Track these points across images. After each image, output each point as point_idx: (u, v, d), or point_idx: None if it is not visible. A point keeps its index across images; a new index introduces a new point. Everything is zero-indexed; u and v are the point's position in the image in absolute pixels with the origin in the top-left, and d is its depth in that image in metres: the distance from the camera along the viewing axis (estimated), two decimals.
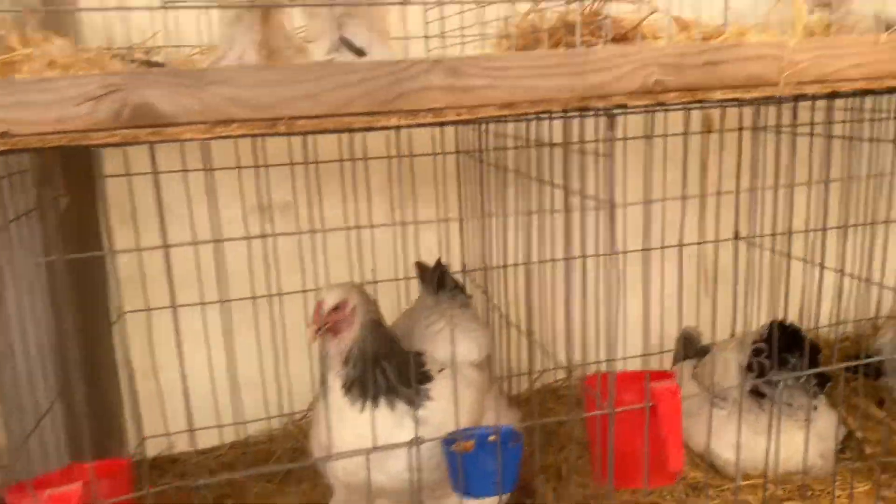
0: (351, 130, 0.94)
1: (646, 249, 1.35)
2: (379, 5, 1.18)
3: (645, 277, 1.34)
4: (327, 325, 1.25)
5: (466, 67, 0.95)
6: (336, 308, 1.26)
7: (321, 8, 1.21)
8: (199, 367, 1.61)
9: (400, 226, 1.82)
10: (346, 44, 1.21)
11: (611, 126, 1.09)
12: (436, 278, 1.58)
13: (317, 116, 0.90)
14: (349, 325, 1.26)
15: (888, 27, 1.36)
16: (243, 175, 1.80)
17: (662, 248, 1.90)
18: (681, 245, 2.16)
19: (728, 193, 1.84)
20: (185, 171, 1.64)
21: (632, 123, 1.68)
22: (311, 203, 1.76)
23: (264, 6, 1.04)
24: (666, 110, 1.14)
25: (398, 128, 0.97)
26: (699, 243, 2.08)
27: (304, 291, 1.75)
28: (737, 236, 2.17)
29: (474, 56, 0.95)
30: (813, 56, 1.10)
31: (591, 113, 1.07)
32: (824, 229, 1.49)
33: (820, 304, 2.21)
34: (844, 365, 1.71)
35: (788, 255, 1.58)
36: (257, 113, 0.88)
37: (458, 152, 1.95)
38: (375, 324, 1.29)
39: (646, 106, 1.05)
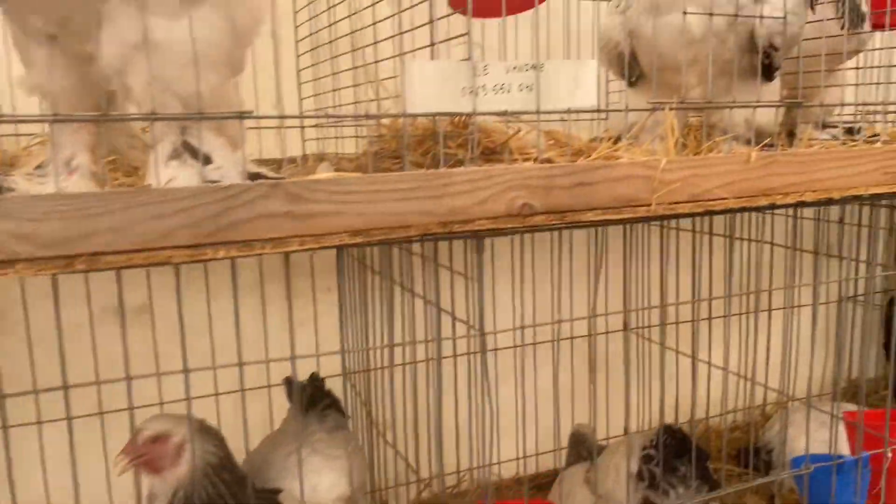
0: (169, 263, 0.80)
1: (523, 345, 1.27)
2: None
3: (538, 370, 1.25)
4: (142, 457, 1.08)
5: (310, 192, 0.85)
6: (155, 440, 1.10)
7: (164, 104, 1.08)
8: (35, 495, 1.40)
9: (273, 324, 1.68)
10: (189, 149, 1.09)
11: (478, 249, 1.00)
12: (305, 396, 1.44)
13: (125, 252, 0.77)
14: (173, 464, 1.10)
15: (758, 135, 1.37)
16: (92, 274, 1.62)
17: (534, 342, 1.83)
18: (571, 338, 2.11)
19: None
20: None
21: None
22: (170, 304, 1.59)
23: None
24: (535, 231, 1.07)
25: (231, 258, 0.85)
26: (587, 336, 2.04)
27: (161, 404, 1.57)
28: (626, 328, 2.15)
29: (320, 179, 0.85)
30: (685, 175, 1.06)
31: (457, 236, 0.98)
32: (711, 318, 1.45)
33: (709, 394, 2.19)
34: (736, 487, 1.67)
35: (677, 350, 1.55)
36: (48, 250, 0.74)
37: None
38: (215, 468, 1.13)
39: (513, 229, 0.97)
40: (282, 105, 1.07)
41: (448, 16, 1.07)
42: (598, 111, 1.07)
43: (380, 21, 1.17)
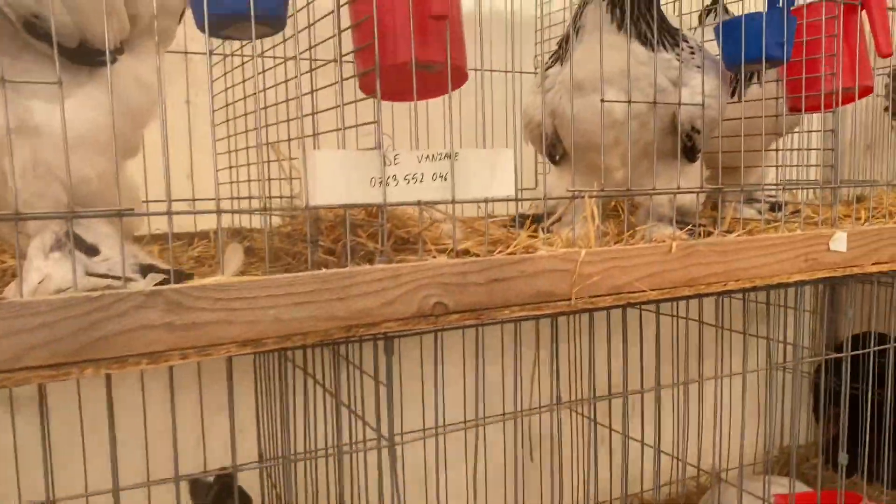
0: (28, 384, 0.71)
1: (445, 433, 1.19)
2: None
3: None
4: None
5: (193, 300, 0.77)
6: None
7: (45, 190, 0.99)
8: None
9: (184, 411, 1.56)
10: (74, 239, 0.99)
11: (387, 351, 0.93)
12: (210, 499, 1.32)
13: None
14: None
15: (683, 214, 1.36)
16: None
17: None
18: (503, 416, 2.04)
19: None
20: None
21: None
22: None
23: None
24: (447, 330, 1.01)
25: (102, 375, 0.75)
26: (518, 412, 1.99)
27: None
28: (558, 401, 2.09)
29: (204, 285, 0.77)
30: (605, 268, 1.02)
31: (365, 338, 0.91)
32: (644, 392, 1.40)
33: (643, 469, 2.14)
34: None
35: (610, 427, 1.50)
36: None
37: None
38: None
39: (424, 330, 0.90)
40: (193, 179, 0.99)
41: (358, 101, 1.02)
42: (517, 200, 1.03)
43: (281, 102, 1.12)
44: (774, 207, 1.64)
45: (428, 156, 0.98)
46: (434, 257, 0.99)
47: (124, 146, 1.05)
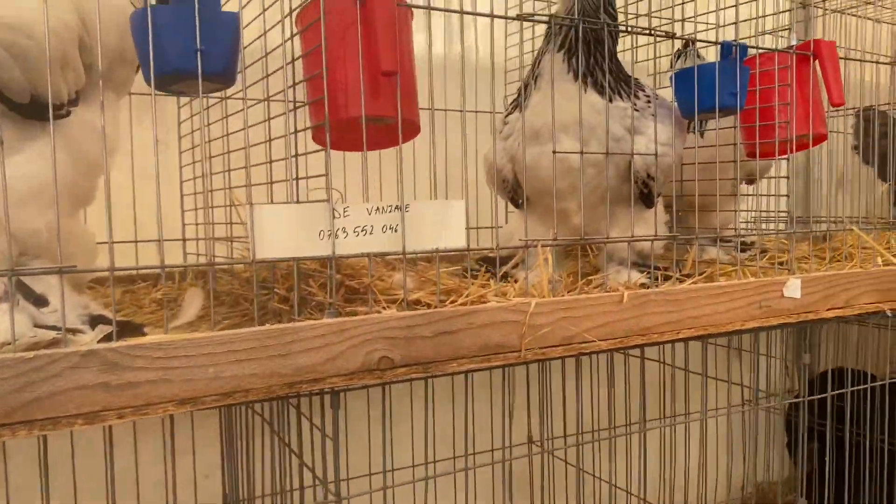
0: None
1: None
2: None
3: None
4: None
5: (130, 360, 0.76)
6: None
7: None
8: None
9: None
10: (22, 290, 0.99)
11: (334, 405, 0.93)
12: None
13: None
14: None
15: (641, 257, 1.36)
16: None
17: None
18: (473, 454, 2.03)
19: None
20: None
21: None
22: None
23: None
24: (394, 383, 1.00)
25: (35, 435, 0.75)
26: (491, 451, 1.98)
27: None
28: (530, 440, 2.09)
29: (142, 343, 0.77)
30: (556, 319, 1.03)
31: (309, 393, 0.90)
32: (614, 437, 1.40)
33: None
34: None
35: (588, 470, 1.48)
36: None
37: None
38: None
39: (369, 385, 0.90)
40: (160, 218, 0.98)
41: (308, 153, 1.02)
42: (468, 250, 1.03)
43: (234, 151, 1.12)
44: (745, 248, 1.66)
45: (378, 208, 0.98)
46: (385, 308, 0.99)
47: (77, 196, 1.06)
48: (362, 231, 0.98)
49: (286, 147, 0.97)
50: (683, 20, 1.56)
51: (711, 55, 1.53)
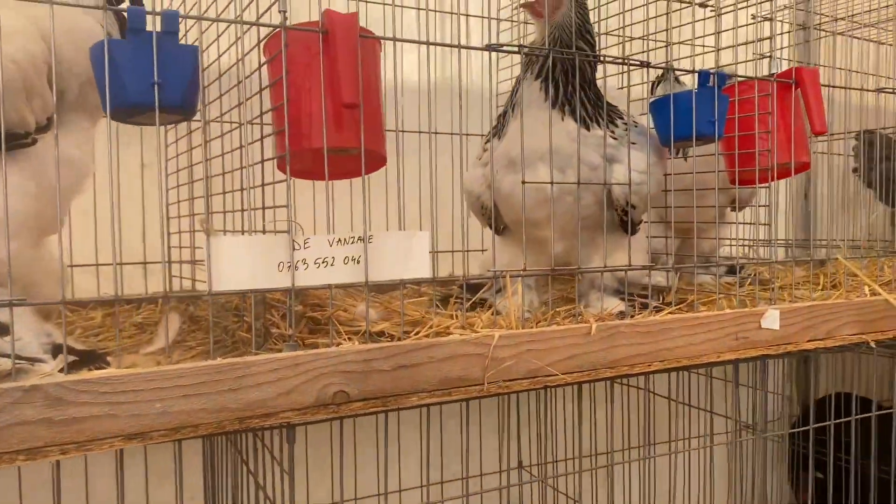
0: None
1: None
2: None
3: None
4: None
5: (74, 395, 0.76)
6: None
7: None
8: None
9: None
10: None
11: (289, 439, 0.92)
12: None
13: None
14: None
15: (624, 284, 1.35)
16: None
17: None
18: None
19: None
20: None
21: None
22: None
23: None
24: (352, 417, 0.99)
25: None
26: (481, 475, 1.96)
27: None
28: (520, 465, 2.07)
29: (87, 378, 0.76)
30: (520, 352, 1.01)
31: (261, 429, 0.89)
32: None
33: None
34: None
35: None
36: None
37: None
38: None
39: (326, 419, 0.89)
40: (116, 242, 0.98)
41: (276, 182, 1.02)
42: (433, 281, 1.02)
43: (199, 180, 1.12)
44: (731, 271, 1.63)
45: (340, 239, 0.98)
46: (347, 339, 0.99)
47: (42, 227, 1.06)
48: (323, 263, 0.97)
49: (241, 178, 0.96)
50: (669, 45, 1.55)
51: (691, 84, 1.51)
